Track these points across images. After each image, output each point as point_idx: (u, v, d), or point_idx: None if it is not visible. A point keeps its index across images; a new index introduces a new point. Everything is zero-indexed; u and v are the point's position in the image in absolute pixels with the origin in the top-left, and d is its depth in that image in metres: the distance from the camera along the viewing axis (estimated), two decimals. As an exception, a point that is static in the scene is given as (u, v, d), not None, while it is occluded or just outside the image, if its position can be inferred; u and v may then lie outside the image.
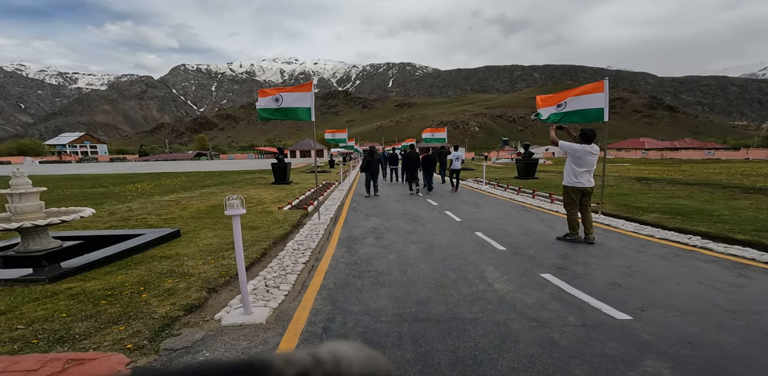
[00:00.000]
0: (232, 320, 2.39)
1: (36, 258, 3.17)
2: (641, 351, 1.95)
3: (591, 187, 4.63)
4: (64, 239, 3.64)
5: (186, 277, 3.11)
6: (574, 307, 2.56)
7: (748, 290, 2.77)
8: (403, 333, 2.21)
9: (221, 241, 4.45)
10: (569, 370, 1.80)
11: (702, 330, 2.16)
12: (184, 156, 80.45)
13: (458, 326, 2.29)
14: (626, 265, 3.51)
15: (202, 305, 2.66)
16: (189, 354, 1.98)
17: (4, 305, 2.36)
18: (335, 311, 2.55)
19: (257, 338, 2.19)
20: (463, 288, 2.95)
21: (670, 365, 1.80)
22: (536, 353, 1.96)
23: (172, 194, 9.73)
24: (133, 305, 2.47)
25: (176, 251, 3.92)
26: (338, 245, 4.49)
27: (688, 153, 59.06)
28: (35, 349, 1.88)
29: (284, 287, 3.05)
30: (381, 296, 2.81)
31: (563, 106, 6.44)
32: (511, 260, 3.73)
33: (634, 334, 2.14)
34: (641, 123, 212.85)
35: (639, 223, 5.61)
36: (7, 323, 2.14)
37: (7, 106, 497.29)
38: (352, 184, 13.24)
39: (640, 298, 2.68)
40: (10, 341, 1.94)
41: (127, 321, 2.25)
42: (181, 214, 6.39)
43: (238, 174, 20.70)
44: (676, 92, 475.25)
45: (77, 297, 2.55)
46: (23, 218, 3.09)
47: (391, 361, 1.86)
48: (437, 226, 5.60)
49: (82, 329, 2.12)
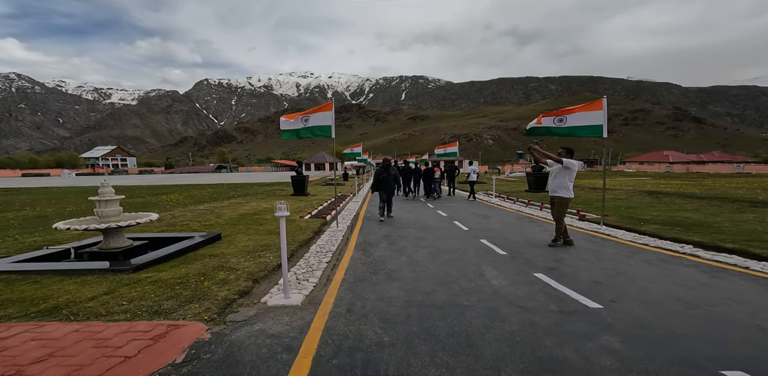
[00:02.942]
0: (275, 302, 3.00)
1: (115, 254, 3.93)
2: (602, 330, 2.43)
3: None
4: (133, 240, 4.41)
5: (234, 271, 3.77)
6: (556, 298, 3.04)
7: (714, 289, 3.17)
8: (411, 314, 2.76)
9: (255, 243, 5.14)
10: (540, 341, 2.30)
11: (657, 317, 2.61)
12: (206, 168, 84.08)
13: (457, 310, 2.81)
14: (612, 268, 3.93)
15: (249, 292, 3.30)
16: (247, 325, 2.59)
17: (106, 288, 3.08)
18: (355, 298, 3.13)
19: (296, 315, 2.78)
20: (463, 283, 3.47)
21: (620, 340, 2.28)
22: (517, 330, 2.47)
23: (205, 204, 10.67)
24: (199, 290, 3.14)
25: (221, 250, 4.62)
26: (355, 248, 5.09)
27: (716, 167, 56.73)
28: (142, 318, 2.55)
29: (312, 280, 3.66)
30: (393, 287, 3.37)
31: (564, 121, 6.89)
32: (510, 263, 4.21)
33: (600, 318, 2.61)
34: (665, 135, 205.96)
35: (638, 233, 5.95)
36: (114, 300, 2.83)
37: (47, 120, 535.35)
38: (366, 196, 13.93)
39: (615, 293, 3.13)
40: (122, 312, 2.62)
41: (199, 301, 2.90)
42: (217, 221, 7.19)
43: (258, 186, 21.79)
44: (703, 103, 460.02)
45: (157, 283, 3.24)
46: (108, 220, 3.87)
47: (401, 332, 2.42)
48: (446, 234, 6.12)
49: (169, 305, 2.78)
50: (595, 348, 2.18)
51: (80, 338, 2.15)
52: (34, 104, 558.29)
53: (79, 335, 2.18)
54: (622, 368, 1.96)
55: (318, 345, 2.27)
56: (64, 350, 2.00)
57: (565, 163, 5.06)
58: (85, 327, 2.31)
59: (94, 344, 2.08)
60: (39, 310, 2.60)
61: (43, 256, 3.93)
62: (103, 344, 2.10)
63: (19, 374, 1.76)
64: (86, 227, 3.62)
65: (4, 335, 2.17)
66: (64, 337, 2.15)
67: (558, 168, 5.11)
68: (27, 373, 1.77)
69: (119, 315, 2.56)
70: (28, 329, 2.24)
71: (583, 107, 6.80)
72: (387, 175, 7.87)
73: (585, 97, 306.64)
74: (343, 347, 2.25)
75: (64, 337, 2.15)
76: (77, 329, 2.27)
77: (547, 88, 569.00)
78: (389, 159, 8.28)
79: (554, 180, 5.14)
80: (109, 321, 2.45)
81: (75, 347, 2.04)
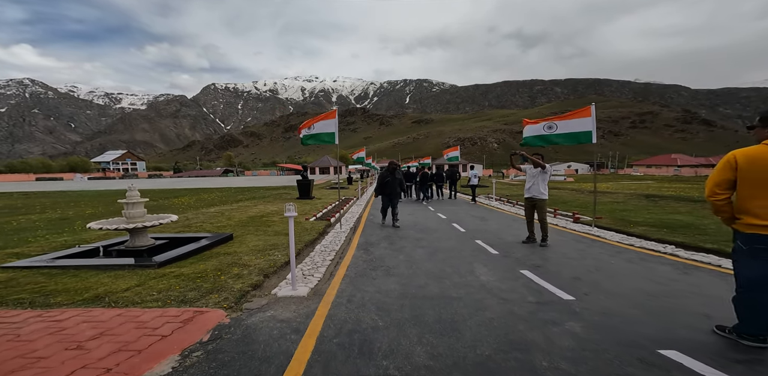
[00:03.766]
0: (284, 294, 3.39)
1: (140, 252, 4.36)
2: (569, 317, 2.77)
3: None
4: (155, 239, 4.85)
5: (246, 267, 4.17)
6: (536, 291, 3.37)
7: (680, 283, 3.48)
8: (405, 304, 3.12)
9: (264, 243, 5.54)
10: (514, 326, 2.65)
11: (620, 307, 2.94)
12: (213, 172, 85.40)
13: (445, 301, 3.17)
14: (594, 265, 4.25)
15: (261, 285, 3.69)
16: (260, 312, 2.98)
17: (136, 281, 3.50)
18: (355, 290, 3.50)
19: (302, 304, 3.16)
20: (455, 278, 3.82)
21: (582, 325, 2.61)
22: (496, 317, 2.82)
23: (215, 207, 11.15)
24: (217, 283, 3.54)
25: (233, 249, 5.03)
26: (357, 247, 5.47)
27: (724, 170, 56.12)
28: (171, 305, 2.95)
29: (317, 275, 4.04)
30: (390, 282, 3.74)
31: (554, 128, 7.21)
32: (500, 261, 4.55)
33: (570, 308, 2.95)
34: (674, 138, 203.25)
35: (626, 234, 6.24)
36: (146, 291, 3.24)
37: (59, 125, 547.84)
38: (369, 200, 14.33)
39: (589, 287, 3.46)
40: (153, 300, 3.03)
41: (218, 292, 3.30)
42: (228, 222, 7.63)
43: (265, 190, 22.31)
44: (713, 105, 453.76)
45: (180, 277, 3.65)
46: (135, 221, 4.31)
47: (394, 318, 2.78)
48: (443, 235, 6.47)
49: (192, 296, 3.18)
50: (559, 332, 2.52)
51: (123, 320, 2.56)
52: (47, 109, 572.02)
53: (121, 319, 2.59)
54: (578, 347, 2.30)
55: (321, 328, 2.64)
56: (112, 330, 2.41)
57: (547, 168, 5.46)
58: (126, 312, 2.72)
59: (136, 326, 2.48)
60: (83, 298, 3.02)
61: (75, 253, 4.38)
62: (143, 325, 2.51)
63: (80, 348, 2.17)
64: (116, 226, 4.06)
65: (60, 318, 2.58)
66: (109, 320, 2.56)
67: (537, 172, 5.48)
68: (86, 347, 2.17)
69: (152, 303, 2.97)
70: (79, 314, 2.65)
71: (573, 115, 7.12)
72: (392, 180, 7.48)
73: (591, 99, 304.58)
74: (343, 329, 2.62)
75: (109, 320, 2.56)
76: (119, 313, 2.68)
77: (553, 90, 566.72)
78: (395, 162, 7.90)
79: (534, 184, 5.51)
80: (144, 308, 2.86)
81: (120, 328, 2.44)
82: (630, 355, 2.19)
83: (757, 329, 2.26)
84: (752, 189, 2.17)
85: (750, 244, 2.22)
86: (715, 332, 2.46)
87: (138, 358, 2.07)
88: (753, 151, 2.19)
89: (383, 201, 7.70)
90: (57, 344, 2.17)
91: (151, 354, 2.12)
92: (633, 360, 2.13)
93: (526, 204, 5.68)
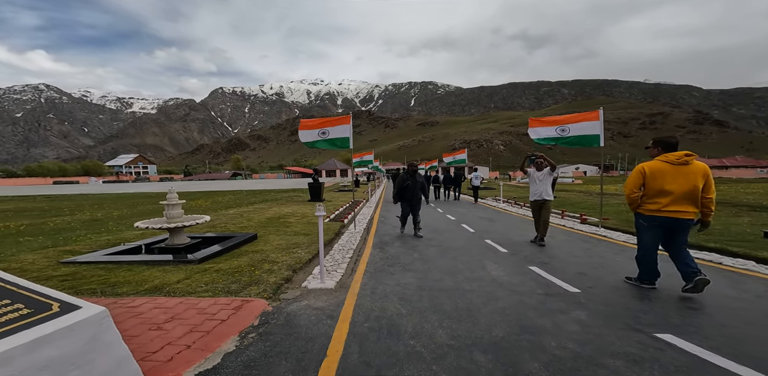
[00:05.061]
0: (314, 286, 3.76)
1: (179, 249, 4.78)
2: (575, 306, 3.07)
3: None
4: (190, 238, 5.28)
5: (275, 263, 4.56)
6: (544, 285, 3.68)
7: (678, 278, 3.74)
8: (423, 295, 3.45)
9: (287, 242, 5.93)
10: (525, 313, 2.97)
11: (622, 298, 3.23)
12: (222, 176, 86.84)
13: (460, 293, 3.50)
14: (599, 262, 4.53)
15: (291, 279, 4.06)
16: (296, 301, 3.35)
17: (183, 275, 3.91)
18: (377, 283, 3.85)
19: (331, 295, 3.52)
20: (467, 273, 4.15)
21: (587, 313, 2.92)
22: (508, 306, 3.14)
23: (233, 209, 11.63)
24: (253, 277, 3.93)
25: (260, 248, 5.43)
26: (373, 246, 5.82)
27: (738, 172, 54.78)
28: (220, 295, 3.34)
29: (339, 271, 4.40)
30: (407, 276, 4.08)
31: (567, 131, 7.50)
32: (509, 258, 4.86)
33: (576, 299, 3.26)
34: (686, 140, 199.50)
35: (632, 234, 6.47)
36: (195, 283, 3.64)
37: (73, 129, 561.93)
38: (378, 203, 14.69)
39: (594, 281, 3.75)
40: (204, 291, 3.42)
41: (256, 284, 3.68)
42: (249, 223, 8.06)
43: (276, 192, 22.85)
44: (726, 106, 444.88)
45: (219, 272, 4.05)
46: (174, 221, 4.74)
47: (415, 307, 3.12)
48: (453, 235, 6.79)
49: (235, 287, 3.57)
50: (566, 319, 2.84)
51: (186, 307, 2.95)
52: (61, 114, 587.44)
53: (184, 306, 2.98)
54: (582, 331, 2.61)
55: (352, 315, 3.00)
56: (180, 315, 2.80)
57: (556, 168, 5.80)
58: (186, 300, 3.11)
59: (197, 312, 2.87)
60: (145, 289, 3.43)
61: (122, 250, 4.82)
62: (203, 311, 2.89)
63: (160, 329, 2.56)
64: (160, 226, 4.49)
65: (133, 305, 2.99)
66: (175, 306, 2.95)
67: (544, 174, 5.79)
68: (164, 328, 2.56)
69: (203, 293, 3.36)
70: (148, 302, 3.06)
71: (581, 117, 7.40)
72: (413, 183, 6.59)
73: (600, 101, 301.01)
74: (371, 316, 2.97)
75: (175, 306, 2.95)
76: (180, 301, 3.08)
77: (560, 92, 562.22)
78: (415, 164, 7.13)
79: (541, 186, 5.82)
80: (198, 297, 3.25)
81: (186, 313, 2.83)
82: (630, 338, 2.49)
83: (650, 276, 3.54)
84: (651, 189, 3.35)
85: (648, 221, 3.43)
86: (625, 281, 3.72)
87: (207, 337, 2.45)
88: (653, 164, 3.39)
89: (403, 208, 6.87)
90: (141, 326, 2.57)
91: (216, 335, 2.51)
92: (632, 342, 2.44)
93: (534, 206, 5.96)
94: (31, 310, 1.51)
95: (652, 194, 3.34)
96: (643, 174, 3.38)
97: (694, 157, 3.28)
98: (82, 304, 1.62)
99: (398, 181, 6.72)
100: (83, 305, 1.61)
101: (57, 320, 1.48)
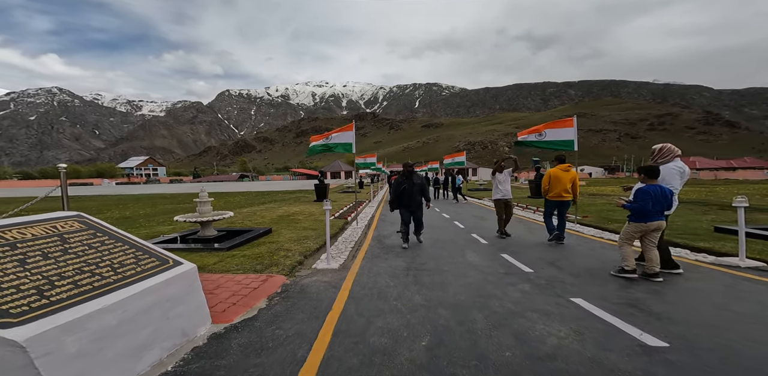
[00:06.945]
0: (322, 267, 4.68)
1: (209, 240, 5.75)
2: (523, 281, 3.94)
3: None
4: (217, 231, 6.25)
5: (289, 251, 5.49)
6: (507, 266, 4.55)
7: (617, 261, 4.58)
8: (409, 274, 4.35)
9: (297, 235, 6.87)
10: (484, 286, 3.84)
11: (565, 275, 4.10)
12: (230, 177, 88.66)
13: (439, 273, 4.38)
14: (559, 251, 5.38)
15: (303, 262, 4.99)
16: (308, 277, 4.27)
17: (217, 259, 4.87)
18: (372, 265, 4.75)
19: (336, 273, 4.43)
20: (448, 259, 5.03)
21: (530, 286, 3.79)
22: (474, 282, 4.01)
23: (246, 208, 12.65)
24: (273, 261, 4.86)
25: (275, 239, 6.38)
26: (372, 239, 6.73)
27: (745, 173, 54.14)
28: (249, 272, 4.28)
29: (342, 257, 5.32)
30: (399, 261, 4.98)
31: (544, 135, 8.37)
32: (487, 248, 5.73)
33: (527, 276, 4.12)
34: (695, 141, 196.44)
35: (601, 229, 7.29)
36: (228, 265, 4.58)
37: (84, 132, 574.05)
38: (380, 203, 15.60)
39: (548, 264, 4.61)
40: (236, 270, 4.37)
41: (276, 266, 4.62)
42: (262, 220, 9.04)
43: (283, 193, 23.89)
44: (737, 106, 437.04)
45: (246, 257, 5.00)
46: (206, 215, 5.71)
47: (400, 281, 4.01)
48: (445, 230, 7.66)
49: (259, 268, 4.51)
50: (513, 289, 3.71)
51: (226, 280, 3.90)
52: (73, 117, 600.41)
53: (224, 279, 3.93)
54: (521, 297, 3.47)
55: (351, 286, 3.90)
56: (223, 285, 3.74)
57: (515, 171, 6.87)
58: (224, 276, 4.06)
59: (235, 283, 3.81)
60: (189, 266, 4.40)
61: (162, 240, 5.81)
62: (239, 283, 3.83)
63: (211, 293, 3.50)
64: (194, 219, 5.47)
65: None
66: (217, 279, 3.90)
67: (507, 174, 6.81)
68: (214, 292, 3.51)
69: (237, 271, 4.31)
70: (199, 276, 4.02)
71: (558, 124, 8.26)
72: (410, 187, 5.77)
73: (607, 101, 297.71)
74: (366, 286, 3.87)
75: (217, 279, 3.90)
76: (221, 276, 4.03)
77: (566, 93, 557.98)
78: (411, 164, 6.09)
79: (506, 185, 6.78)
80: (233, 274, 4.20)
81: (227, 284, 3.78)
82: (552, 301, 3.34)
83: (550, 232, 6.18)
84: (552, 185, 6.04)
85: (551, 205, 6.19)
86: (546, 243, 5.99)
87: (246, 299, 3.39)
88: (555, 170, 6.09)
89: (403, 215, 5.92)
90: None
91: (252, 297, 3.44)
92: (552, 303, 3.29)
93: (501, 204, 6.83)
94: (158, 263, 2.45)
95: (553, 189, 6.06)
96: (550, 176, 6.06)
97: (571, 166, 6.15)
98: (183, 261, 2.56)
99: (394, 186, 5.90)
100: (184, 262, 2.56)
101: (173, 269, 2.42)
